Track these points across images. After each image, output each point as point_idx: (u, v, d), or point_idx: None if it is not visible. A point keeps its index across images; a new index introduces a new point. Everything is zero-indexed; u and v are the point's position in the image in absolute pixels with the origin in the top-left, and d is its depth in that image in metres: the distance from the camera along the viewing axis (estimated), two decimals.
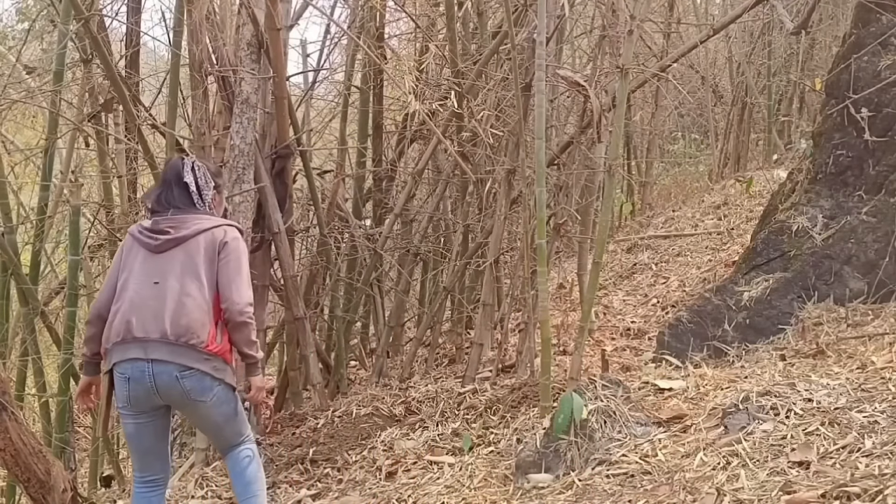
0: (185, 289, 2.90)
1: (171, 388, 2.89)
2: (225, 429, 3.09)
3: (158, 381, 2.87)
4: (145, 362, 2.86)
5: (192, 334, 2.87)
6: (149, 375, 2.86)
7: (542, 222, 3.87)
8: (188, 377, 2.88)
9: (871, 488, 2.30)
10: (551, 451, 3.31)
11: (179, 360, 2.86)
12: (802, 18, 6.33)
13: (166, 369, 2.86)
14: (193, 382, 2.89)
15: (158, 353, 2.85)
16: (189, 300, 2.89)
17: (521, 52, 4.85)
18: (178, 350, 2.86)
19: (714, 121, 11.39)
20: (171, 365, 2.86)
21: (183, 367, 2.87)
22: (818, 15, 8.28)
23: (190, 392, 2.90)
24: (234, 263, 2.98)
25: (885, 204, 4.42)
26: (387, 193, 6.70)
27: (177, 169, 3.11)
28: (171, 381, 2.87)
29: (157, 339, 2.85)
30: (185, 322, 2.87)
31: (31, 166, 6.88)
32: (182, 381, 2.87)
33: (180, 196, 3.06)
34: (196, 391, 2.91)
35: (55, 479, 3.42)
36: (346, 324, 6.22)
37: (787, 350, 4.07)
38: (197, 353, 2.88)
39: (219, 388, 2.96)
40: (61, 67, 5.31)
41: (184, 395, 2.91)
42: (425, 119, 4.91)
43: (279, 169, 5.06)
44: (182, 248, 2.95)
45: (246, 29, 4.71)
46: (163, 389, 2.89)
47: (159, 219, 3.02)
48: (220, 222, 3.07)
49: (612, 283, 7.53)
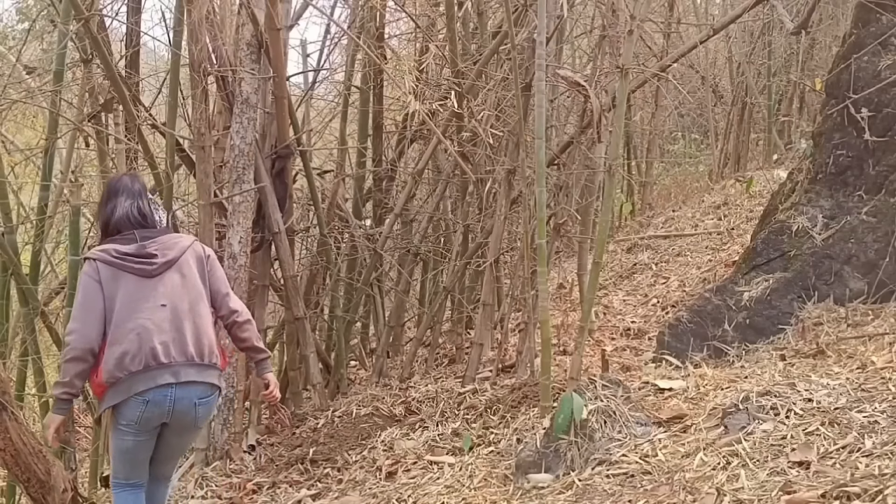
0: (194, 309, 2.95)
1: (186, 414, 2.94)
2: (178, 457, 3.22)
3: (177, 406, 2.90)
4: (171, 387, 2.87)
5: (213, 353, 2.97)
6: (170, 400, 2.88)
7: (542, 222, 3.87)
8: (204, 405, 2.97)
9: (871, 488, 2.30)
10: (551, 451, 3.31)
11: (207, 380, 2.96)
12: (802, 18, 6.33)
13: (189, 395, 2.91)
14: (205, 411, 3.00)
15: (188, 375, 2.89)
16: (201, 320, 2.96)
17: (521, 52, 4.85)
18: (204, 370, 2.94)
19: (714, 121, 11.39)
20: (197, 387, 2.93)
21: (206, 389, 2.96)
22: (818, 15, 8.28)
23: (199, 419, 3.01)
24: (220, 272, 3.14)
25: (885, 204, 4.42)
26: (387, 193, 6.70)
27: (140, 181, 3.11)
28: (188, 406, 2.92)
29: (184, 363, 2.89)
30: (206, 341, 2.95)
31: (31, 166, 6.88)
32: (198, 408, 2.95)
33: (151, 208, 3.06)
34: (203, 418, 3.04)
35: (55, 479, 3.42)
36: (346, 324, 6.22)
37: (787, 350, 4.07)
38: (217, 370, 3.00)
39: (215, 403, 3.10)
40: (61, 67, 5.31)
41: (193, 421, 2.99)
42: (425, 119, 4.91)
43: (279, 169, 5.06)
44: (176, 269, 2.97)
45: (246, 29, 4.71)
46: (177, 414, 2.92)
47: (140, 243, 2.96)
48: (189, 236, 3.19)
49: (612, 283, 7.53)
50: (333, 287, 6.11)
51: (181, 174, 6.60)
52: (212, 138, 4.64)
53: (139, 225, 2.99)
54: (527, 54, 4.82)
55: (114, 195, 3.04)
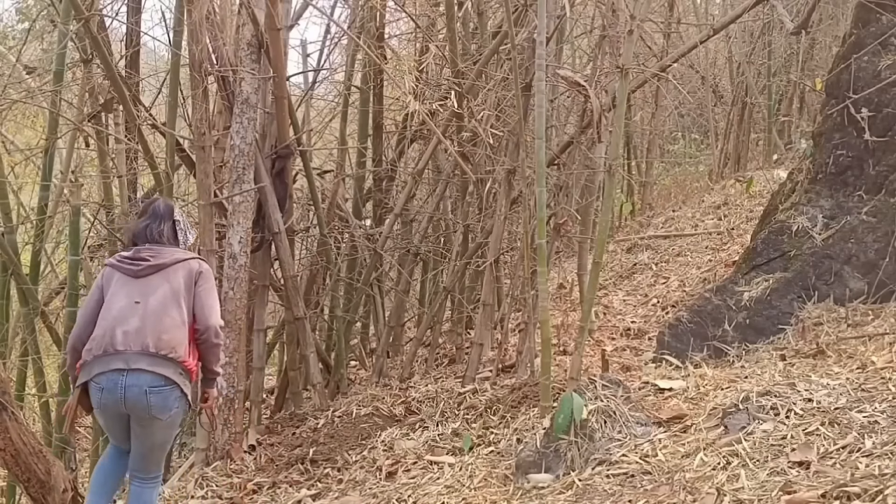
0: (165, 309, 3.15)
1: (138, 402, 3.07)
2: (155, 453, 3.28)
3: (128, 394, 3.06)
4: (122, 373, 3.05)
5: (171, 349, 3.10)
6: (121, 387, 3.06)
7: (542, 222, 3.87)
8: (155, 393, 3.07)
9: (871, 488, 2.30)
10: (551, 451, 3.31)
11: (158, 370, 3.07)
12: (802, 18, 6.33)
13: (139, 381, 3.05)
14: (159, 399, 3.08)
15: (138, 363, 3.05)
16: (169, 319, 3.14)
17: (521, 52, 4.85)
18: (157, 361, 3.07)
19: (714, 121, 11.39)
20: (147, 375, 3.05)
21: (157, 379, 3.06)
22: (818, 15, 8.28)
23: (152, 408, 3.09)
24: (210, 291, 3.27)
25: (885, 204, 4.42)
26: (387, 193, 6.70)
27: (170, 207, 3.42)
28: (139, 394, 3.06)
29: (138, 352, 3.07)
30: (165, 338, 3.11)
31: (31, 166, 6.89)
32: (149, 395, 3.07)
33: (169, 231, 3.35)
34: (157, 408, 3.10)
35: (55, 479, 3.42)
36: (346, 324, 6.22)
37: (787, 350, 4.07)
38: (175, 365, 3.10)
39: (176, 409, 3.16)
40: (61, 67, 5.31)
41: (147, 409, 3.09)
42: (425, 119, 4.91)
43: (279, 169, 5.06)
44: (162, 275, 3.21)
45: (246, 29, 4.71)
46: (130, 401, 3.07)
47: (140, 247, 3.29)
48: (195, 255, 3.38)
49: (612, 283, 7.53)
50: (333, 287, 6.11)
51: (181, 174, 6.61)
52: (212, 138, 4.64)
53: (152, 241, 3.32)
54: (527, 54, 4.82)
55: (142, 214, 3.44)
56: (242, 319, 4.78)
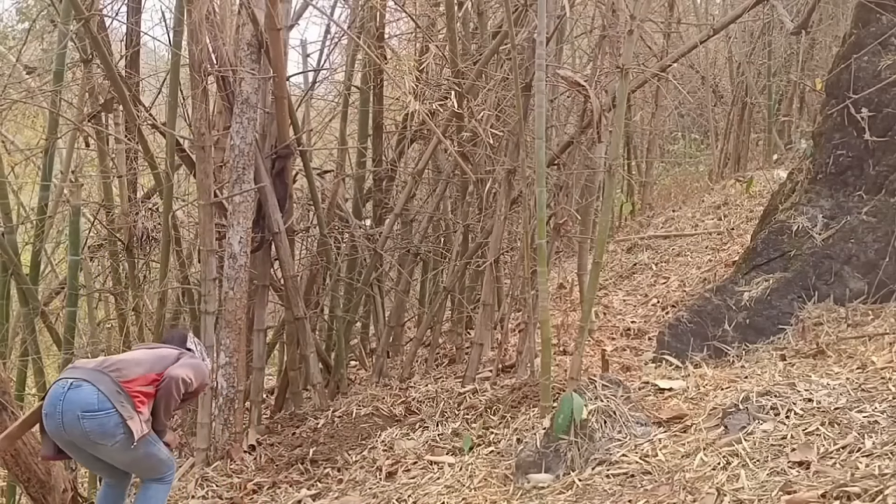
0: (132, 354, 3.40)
1: (73, 427, 3.05)
2: (132, 468, 3.37)
3: (65, 418, 3.05)
4: (65, 384, 3.08)
5: (118, 371, 3.16)
6: (59, 412, 3.05)
7: (542, 222, 3.87)
8: (89, 419, 3.04)
9: (871, 488, 2.30)
10: (551, 451, 3.31)
11: (98, 385, 3.08)
12: (802, 18, 6.34)
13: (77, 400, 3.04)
14: (94, 425, 3.04)
15: (85, 375, 3.11)
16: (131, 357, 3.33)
17: (521, 52, 4.85)
18: (97, 374, 3.12)
19: (714, 121, 11.39)
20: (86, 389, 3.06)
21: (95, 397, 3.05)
22: (818, 15, 8.28)
23: (90, 434, 3.06)
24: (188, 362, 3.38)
25: (885, 204, 4.42)
26: (387, 193, 6.69)
27: (183, 335, 3.64)
28: (72, 420, 3.04)
29: (87, 367, 3.18)
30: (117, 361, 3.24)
31: (31, 166, 6.88)
32: (82, 421, 3.03)
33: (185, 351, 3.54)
34: (96, 434, 3.06)
35: (55, 479, 3.42)
36: (346, 324, 6.22)
37: (787, 350, 4.07)
38: (112, 383, 3.11)
39: (122, 437, 3.09)
40: (61, 67, 5.31)
41: (84, 435, 3.06)
42: (425, 119, 4.91)
43: (279, 169, 5.06)
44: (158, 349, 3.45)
45: (246, 29, 4.71)
46: (67, 426, 3.06)
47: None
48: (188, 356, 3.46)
49: (612, 283, 7.53)
50: (333, 287, 6.11)
51: (181, 174, 6.61)
52: (212, 138, 4.64)
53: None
54: (527, 54, 4.82)
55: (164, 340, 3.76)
56: (242, 319, 4.78)
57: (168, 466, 3.40)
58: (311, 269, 5.91)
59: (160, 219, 5.42)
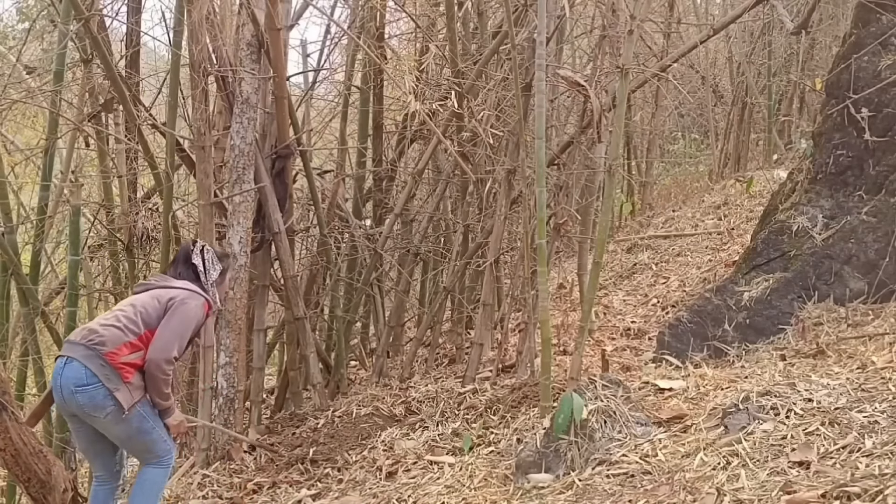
0: (119, 314, 3.32)
1: (71, 401, 3.20)
2: (127, 445, 3.40)
3: (64, 392, 3.19)
4: (62, 361, 3.22)
5: (100, 343, 3.20)
6: (59, 387, 3.20)
7: (542, 222, 3.87)
8: (81, 393, 3.16)
9: (871, 488, 2.29)
10: (551, 451, 3.31)
11: (83, 360, 3.17)
12: (802, 18, 6.33)
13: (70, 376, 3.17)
14: (86, 399, 3.17)
15: (73, 351, 3.21)
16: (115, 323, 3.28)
17: (521, 52, 4.85)
18: (83, 349, 3.20)
19: (714, 121, 11.39)
20: (75, 365, 3.17)
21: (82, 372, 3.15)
22: (818, 15, 8.28)
23: (84, 406, 3.19)
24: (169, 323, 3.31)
25: (885, 204, 4.42)
26: (387, 193, 6.70)
27: (186, 251, 3.61)
28: (69, 394, 3.18)
29: (75, 341, 3.25)
30: (101, 332, 3.23)
31: (31, 166, 6.89)
32: (76, 395, 3.16)
33: (185, 273, 3.54)
34: (89, 407, 3.18)
35: (55, 479, 3.41)
36: (347, 324, 6.22)
37: (787, 350, 4.07)
38: (97, 358, 3.18)
39: (112, 409, 3.18)
40: (61, 67, 5.31)
41: (80, 408, 3.20)
42: (425, 119, 4.90)
43: (279, 169, 5.06)
44: (148, 293, 3.42)
45: (246, 29, 4.71)
46: (67, 400, 3.20)
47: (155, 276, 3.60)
48: (190, 288, 3.45)
49: (612, 283, 7.53)
50: (333, 287, 6.11)
51: (181, 174, 6.61)
52: (212, 138, 4.64)
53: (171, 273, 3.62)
54: (527, 54, 4.82)
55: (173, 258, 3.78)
56: (242, 319, 4.78)
57: (165, 449, 3.40)
58: (311, 269, 5.92)
59: (160, 219, 5.42)
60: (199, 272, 3.56)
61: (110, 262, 6.16)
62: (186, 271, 3.55)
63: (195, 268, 3.56)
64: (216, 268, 3.62)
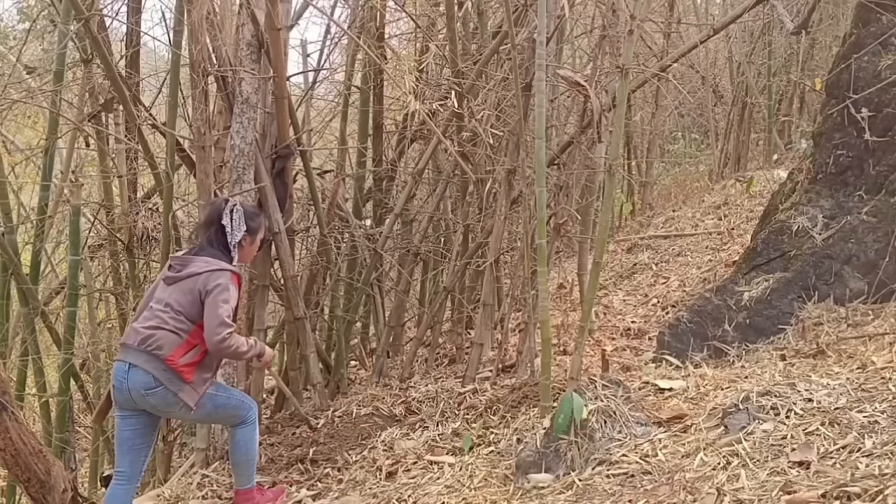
0: (163, 316, 3.42)
1: (143, 402, 3.39)
2: (210, 422, 3.71)
3: (134, 395, 3.37)
4: (125, 366, 3.36)
5: (158, 347, 3.35)
6: (125, 382, 3.35)
7: (542, 222, 3.87)
8: (152, 394, 3.35)
9: (871, 488, 2.29)
10: (551, 451, 3.31)
11: (145, 366, 3.33)
12: (802, 18, 6.33)
13: (137, 381, 3.34)
14: (157, 399, 3.37)
15: (134, 358, 3.35)
16: (164, 324, 3.40)
17: (521, 52, 4.85)
18: (144, 356, 3.34)
19: (714, 121, 11.40)
20: (140, 371, 3.33)
21: (149, 377, 3.33)
22: (818, 15, 8.29)
23: (157, 406, 3.40)
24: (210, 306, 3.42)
25: (885, 204, 4.42)
26: (387, 193, 6.69)
27: (219, 210, 3.63)
28: (139, 395, 3.36)
29: (133, 346, 3.38)
30: (156, 335, 3.37)
31: (31, 166, 6.89)
32: (147, 397, 3.36)
33: (216, 235, 3.58)
34: (162, 405, 3.40)
35: (55, 479, 3.42)
36: (347, 324, 6.22)
37: (787, 350, 4.07)
38: (158, 362, 3.35)
39: (182, 405, 3.41)
40: (61, 67, 5.31)
41: (153, 407, 3.42)
42: (425, 119, 4.90)
43: (279, 169, 5.06)
44: (178, 286, 3.49)
45: (246, 29, 4.71)
46: (138, 401, 3.38)
47: (177, 256, 3.60)
48: (213, 267, 3.48)
49: (612, 283, 7.53)
50: (333, 287, 6.10)
51: (181, 174, 6.61)
52: (212, 138, 4.64)
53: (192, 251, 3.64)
54: (527, 54, 4.82)
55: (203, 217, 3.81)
56: (242, 319, 4.77)
57: (245, 409, 3.63)
58: (311, 269, 5.91)
59: (160, 219, 5.42)
60: (227, 233, 3.59)
61: (110, 262, 6.16)
62: (215, 234, 3.58)
63: (223, 229, 3.59)
64: (241, 228, 3.64)
